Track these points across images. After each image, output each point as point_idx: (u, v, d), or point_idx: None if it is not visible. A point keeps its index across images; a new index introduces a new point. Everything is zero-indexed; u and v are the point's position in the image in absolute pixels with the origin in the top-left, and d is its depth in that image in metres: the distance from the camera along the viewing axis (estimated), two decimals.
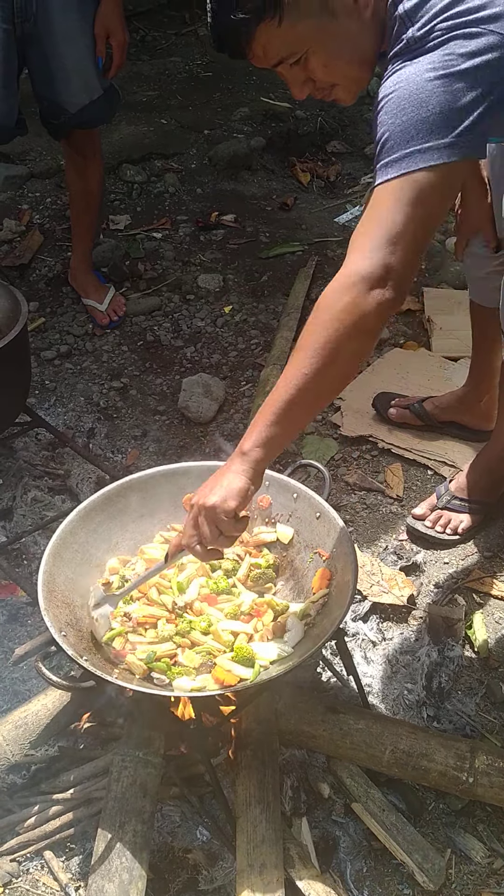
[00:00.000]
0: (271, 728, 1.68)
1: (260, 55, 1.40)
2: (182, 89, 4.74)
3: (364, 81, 1.47)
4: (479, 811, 1.74)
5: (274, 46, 1.38)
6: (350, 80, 1.46)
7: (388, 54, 1.41)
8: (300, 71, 1.43)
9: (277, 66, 1.43)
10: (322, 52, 1.39)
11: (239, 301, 3.26)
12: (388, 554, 2.25)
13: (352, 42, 1.40)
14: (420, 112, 1.27)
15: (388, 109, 1.31)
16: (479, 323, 2.37)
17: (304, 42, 1.38)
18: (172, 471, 1.90)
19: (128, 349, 3.05)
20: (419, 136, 1.28)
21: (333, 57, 1.40)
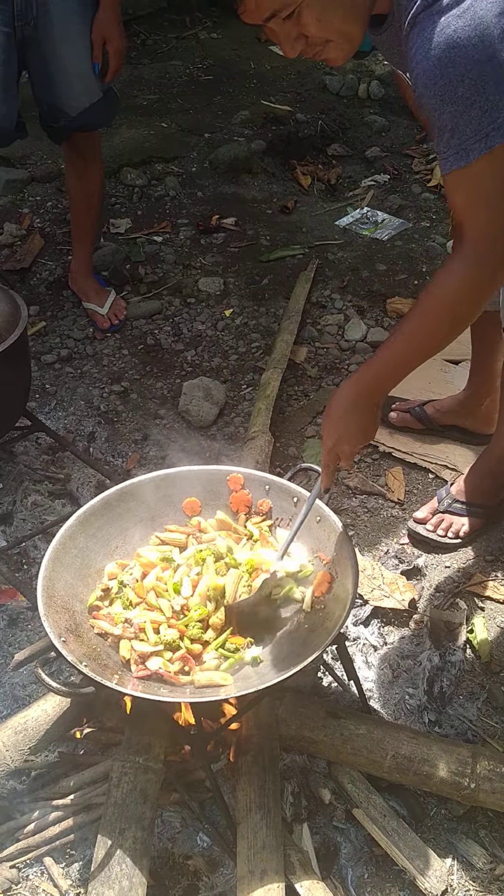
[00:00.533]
0: (272, 733, 1.67)
1: (252, 8, 1.37)
2: (182, 93, 4.74)
3: (357, 39, 1.45)
4: (480, 817, 1.73)
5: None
6: (343, 37, 1.43)
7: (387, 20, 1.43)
8: (293, 26, 1.40)
9: (269, 21, 1.40)
10: (316, 5, 1.37)
11: (239, 304, 3.25)
12: (390, 558, 2.24)
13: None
14: (478, 90, 1.29)
15: (445, 96, 1.31)
16: (477, 326, 2.36)
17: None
18: (173, 475, 1.90)
19: (128, 353, 3.05)
20: (488, 115, 1.30)
21: (328, 11, 1.38)
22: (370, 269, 3.44)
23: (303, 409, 2.75)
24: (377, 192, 4.04)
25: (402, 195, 3.99)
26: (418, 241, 3.63)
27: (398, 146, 4.41)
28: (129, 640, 1.63)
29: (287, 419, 2.70)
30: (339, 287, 3.33)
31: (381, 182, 4.12)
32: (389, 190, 4.06)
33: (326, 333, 3.08)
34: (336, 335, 3.08)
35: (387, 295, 3.25)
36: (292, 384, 2.85)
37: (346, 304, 3.23)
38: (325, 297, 3.28)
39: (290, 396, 2.81)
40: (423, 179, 4.13)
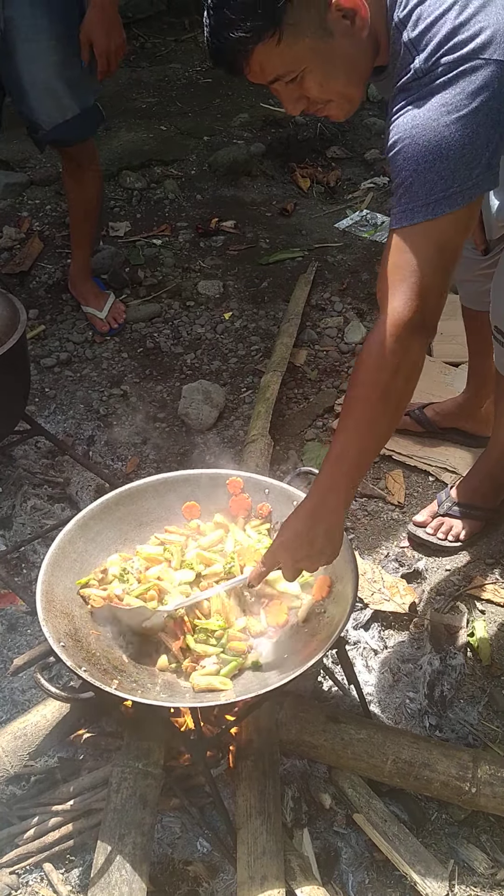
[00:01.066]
0: (272, 738, 1.67)
1: (257, 72, 1.41)
2: (181, 96, 4.74)
3: (357, 99, 1.49)
4: (481, 821, 1.72)
5: (271, 65, 1.39)
6: (344, 99, 1.47)
7: (386, 70, 1.45)
8: (296, 88, 1.44)
9: (273, 83, 1.44)
10: (318, 71, 1.40)
11: (239, 307, 3.25)
12: (390, 561, 2.24)
13: (348, 61, 1.42)
14: (441, 160, 1.32)
15: (408, 155, 1.34)
16: (473, 328, 2.36)
17: (302, 61, 1.39)
18: (173, 479, 1.90)
19: (128, 356, 3.04)
20: (442, 183, 1.33)
21: (329, 76, 1.41)
22: (370, 272, 3.43)
23: (302, 412, 2.75)
24: (376, 194, 4.04)
25: None
26: None
27: None
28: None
29: (287, 422, 2.70)
30: (339, 290, 3.32)
31: (381, 184, 4.13)
32: (389, 192, 4.05)
33: (326, 336, 3.08)
34: (336, 338, 3.08)
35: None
36: (292, 387, 2.85)
37: (345, 307, 3.23)
38: (324, 299, 3.28)
39: (290, 399, 2.80)
40: None
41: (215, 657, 1.60)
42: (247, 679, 1.60)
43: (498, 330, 1.95)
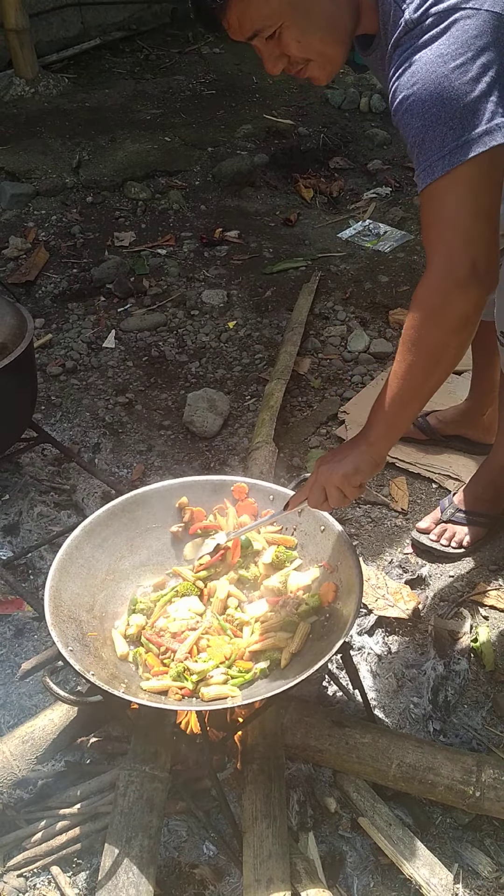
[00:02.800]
0: (277, 742, 1.68)
1: (235, 27, 1.43)
2: (185, 107, 4.78)
3: (338, 61, 1.50)
4: (486, 825, 1.73)
5: (248, 18, 1.41)
6: (324, 58, 1.48)
7: (375, 41, 1.47)
8: (274, 46, 1.45)
9: (252, 39, 1.45)
10: (295, 27, 1.42)
11: (243, 316, 3.28)
12: (394, 567, 2.25)
13: (326, 19, 1.43)
14: (448, 108, 1.32)
15: (414, 112, 1.35)
16: (478, 336, 2.37)
17: (278, 16, 1.40)
18: (178, 485, 1.92)
19: (133, 364, 3.07)
20: (452, 133, 1.32)
21: (307, 33, 1.43)
22: (373, 281, 3.46)
23: (306, 419, 2.77)
24: (379, 204, 4.07)
25: (403, 207, 4.02)
26: (420, 252, 3.65)
27: (399, 159, 4.44)
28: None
29: (291, 430, 2.72)
30: (342, 299, 3.35)
31: (383, 194, 4.15)
32: (391, 202, 4.08)
33: (329, 345, 3.10)
34: (339, 346, 3.10)
35: (389, 306, 3.27)
36: (296, 395, 2.87)
37: (348, 316, 3.25)
38: (327, 308, 3.30)
39: (294, 407, 2.83)
40: None
41: (223, 668, 1.61)
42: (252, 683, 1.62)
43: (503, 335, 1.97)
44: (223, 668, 1.61)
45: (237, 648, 1.65)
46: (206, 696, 1.56)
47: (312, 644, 1.67)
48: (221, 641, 1.66)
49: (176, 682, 1.57)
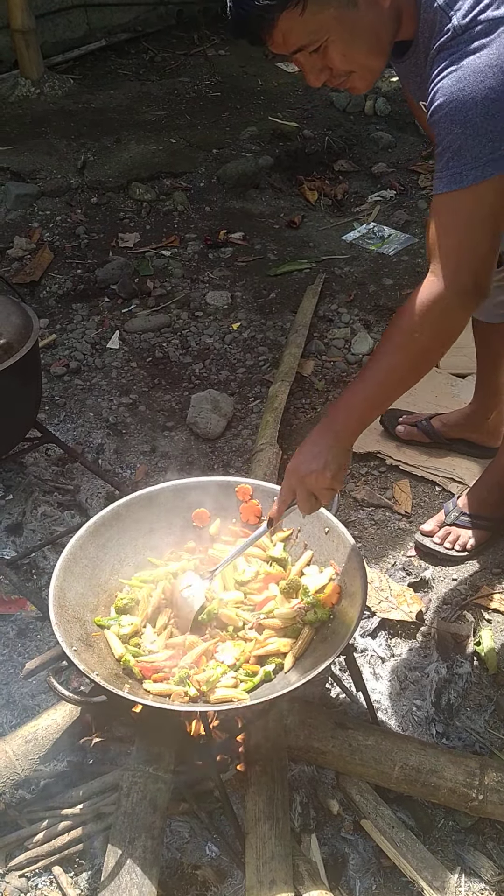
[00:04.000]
0: (280, 744, 1.68)
1: (280, 42, 1.41)
2: (191, 109, 4.78)
3: (378, 70, 1.50)
4: (488, 829, 1.73)
5: (295, 34, 1.39)
6: (366, 69, 1.48)
7: (410, 47, 1.47)
8: (318, 59, 1.44)
9: (296, 54, 1.44)
10: (341, 42, 1.41)
11: (247, 318, 3.28)
12: (397, 570, 2.25)
13: (371, 32, 1.42)
14: (490, 121, 1.33)
15: (455, 118, 1.35)
16: (483, 339, 2.38)
17: (325, 31, 1.39)
18: (182, 486, 1.92)
19: (136, 365, 3.07)
20: (491, 145, 1.34)
21: (352, 46, 1.42)
22: (377, 284, 3.46)
23: (310, 421, 2.77)
24: (383, 207, 4.07)
25: (408, 210, 4.02)
26: (424, 255, 3.65)
27: (404, 162, 4.45)
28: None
29: (294, 432, 2.72)
30: (346, 301, 3.35)
31: (388, 197, 4.16)
32: (395, 205, 4.09)
33: (333, 347, 3.11)
34: (343, 349, 3.10)
35: (393, 309, 3.27)
36: (299, 397, 2.87)
37: (352, 318, 3.26)
38: (332, 311, 3.30)
39: (298, 409, 2.83)
40: (428, 195, 4.16)
41: (232, 672, 1.61)
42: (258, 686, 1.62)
43: None
44: (231, 671, 1.61)
45: (244, 652, 1.64)
46: (213, 699, 1.56)
47: (316, 646, 1.67)
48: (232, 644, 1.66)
49: (179, 688, 1.57)
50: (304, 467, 1.58)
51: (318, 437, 1.59)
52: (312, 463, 1.57)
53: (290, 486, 1.62)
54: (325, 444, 1.57)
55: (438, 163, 1.41)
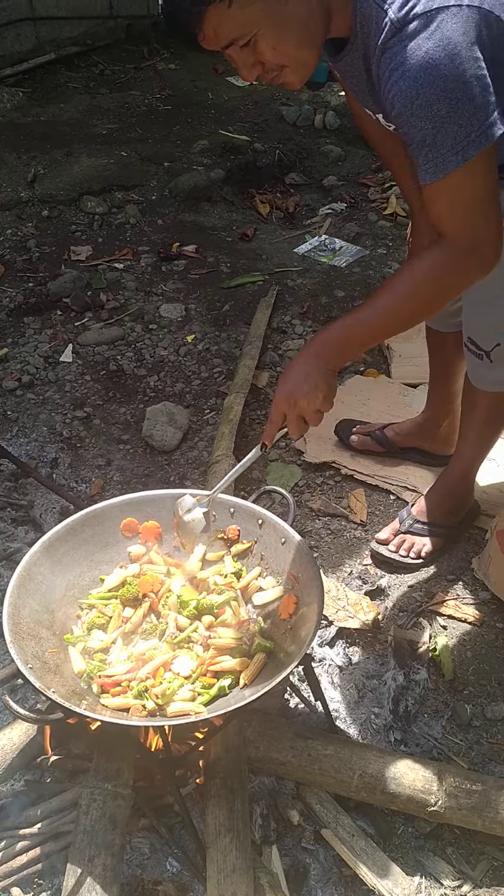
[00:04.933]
0: (240, 756, 1.68)
1: (211, 37, 1.43)
2: (142, 122, 4.79)
3: (311, 64, 1.51)
4: (447, 834, 1.74)
5: (225, 28, 1.41)
6: (299, 63, 1.49)
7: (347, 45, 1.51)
8: (249, 53, 1.46)
9: (227, 49, 1.46)
10: (271, 35, 1.43)
11: (201, 330, 3.29)
12: (353, 578, 2.27)
13: (300, 25, 1.44)
14: (456, 108, 1.38)
15: (423, 113, 1.39)
16: (436, 349, 2.42)
17: (254, 24, 1.41)
18: (137, 499, 1.91)
19: (91, 379, 3.05)
20: (463, 130, 1.40)
21: (282, 39, 1.44)
22: (329, 296, 3.49)
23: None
24: (335, 219, 4.11)
25: (358, 223, 4.07)
26: (375, 267, 3.70)
27: (354, 175, 4.51)
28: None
29: (250, 443, 2.72)
30: (300, 313, 3.38)
31: (339, 210, 4.21)
32: (346, 218, 4.13)
33: (287, 358, 3.13)
34: None
35: None
36: (254, 408, 2.88)
37: (306, 330, 3.28)
38: (285, 322, 3.32)
39: (253, 420, 2.84)
40: (379, 208, 4.22)
41: (189, 685, 1.61)
42: (215, 699, 1.61)
43: (472, 341, 2.00)
44: (188, 683, 1.60)
45: (201, 665, 1.64)
46: (169, 712, 1.55)
47: (274, 657, 1.67)
48: (189, 655, 1.65)
49: (137, 701, 1.56)
50: (295, 390, 1.61)
51: (307, 361, 1.62)
52: (303, 385, 1.60)
53: (280, 409, 1.65)
54: (314, 367, 1.61)
55: (418, 157, 1.46)
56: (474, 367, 2.05)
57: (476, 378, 2.07)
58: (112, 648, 1.70)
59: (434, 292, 1.58)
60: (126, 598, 1.77)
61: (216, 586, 1.80)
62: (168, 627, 1.71)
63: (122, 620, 1.74)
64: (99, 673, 1.61)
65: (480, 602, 2.22)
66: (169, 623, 1.72)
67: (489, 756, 1.89)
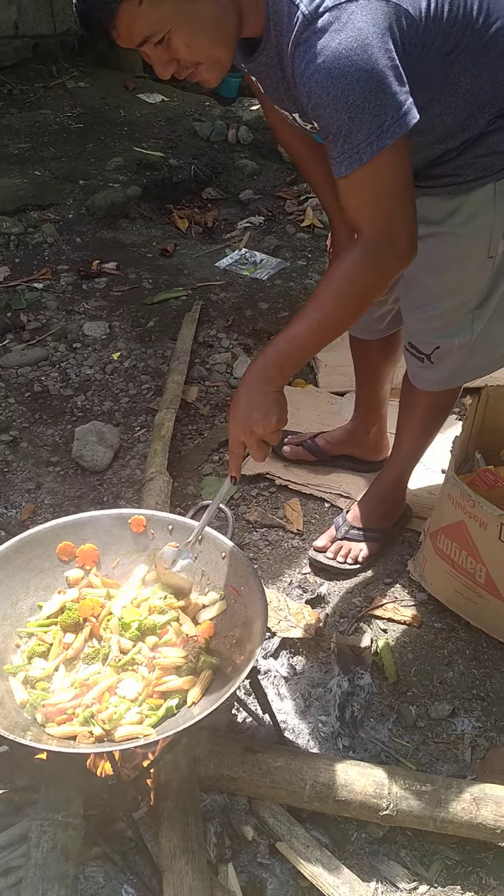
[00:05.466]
0: (191, 775, 1.66)
1: (125, 34, 1.45)
2: (54, 141, 4.74)
3: (226, 62, 1.54)
4: (399, 837, 1.76)
5: (137, 26, 1.43)
6: (213, 60, 1.52)
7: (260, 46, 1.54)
8: (164, 51, 1.48)
9: (142, 46, 1.47)
10: (184, 32, 1.45)
11: (127, 347, 3.26)
12: (293, 588, 2.28)
13: (213, 23, 1.47)
14: (369, 99, 1.41)
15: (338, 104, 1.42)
16: (360, 357, 2.46)
17: (166, 21, 1.43)
18: (73, 522, 1.87)
19: (15, 401, 3.00)
20: (376, 120, 1.42)
21: (195, 37, 1.46)
22: (253, 308, 3.51)
23: (198, 447, 2.77)
24: (253, 233, 4.14)
25: (277, 236, 4.11)
26: (296, 279, 3.74)
27: (270, 188, 4.55)
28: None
29: (183, 458, 2.72)
30: (225, 326, 3.39)
31: (257, 223, 4.24)
32: (265, 231, 4.17)
33: (215, 372, 3.13)
34: (225, 373, 3.13)
35: (271, 332, 3.33)
36: (186, 423, 2.87)
37: (232, 343, 3.29)
38: (211, 336, 3.33)
39: (185, 436, 2.83)
40: (296, 220, 4.27)
41: (136, 708, 1.58)
42: (163, 720, 1.59)
43: (412, 345, 2.04)
44: (135, 706, 1.58)
45: (147, 686, 1.62)
46: (117, 737, 1.52)
47: (220, 672, 1.66)
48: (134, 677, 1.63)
49: (84, 728, 1.53)
50: (248, 419, 1.63)
51: (251, 388, 1.64)
52: (255, 413, 1.63)
53: (239, 440, 1.67)
54: (259, 393, 1.63)
55: (333, 149, 1.49)
56: (415, 369, 2.10)
57: (417, 379, 2.11)
58: (55, 676, 1.66)
59: (357, 293, 1.61)
60: (66, 624, 1.73)
61: (155, 607, 1.78)
62: (111, 651, 1.68)
63: (64, 647, 1.71)
64: (42, 702, 1.58)
65: (418, 603, 2.25)
66: (112, 646, 1.69)
67: (435, 756, 1.92)
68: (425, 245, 1.89)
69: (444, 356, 2.01)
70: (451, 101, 1.63)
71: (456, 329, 1.97)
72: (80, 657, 1.70)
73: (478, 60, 1.61)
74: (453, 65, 1.59)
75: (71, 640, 1.72)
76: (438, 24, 1.52)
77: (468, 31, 1.57)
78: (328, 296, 1.61)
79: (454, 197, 1.81)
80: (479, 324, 1.97)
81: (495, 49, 1.62)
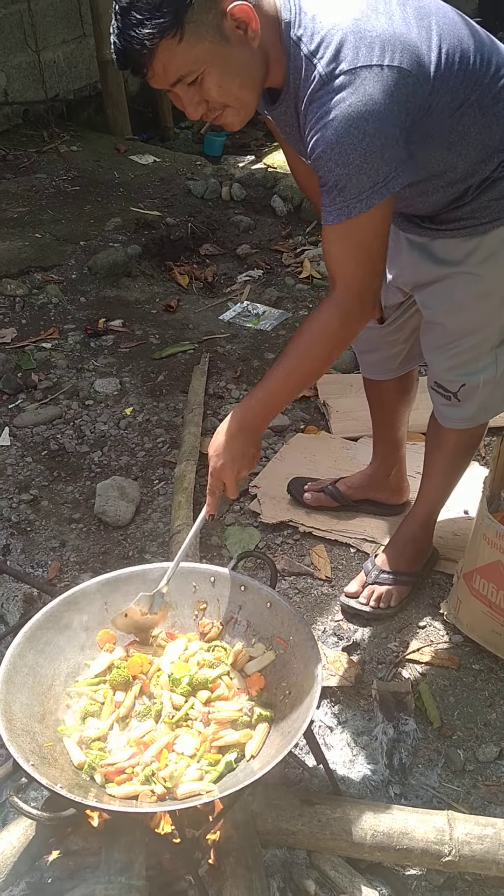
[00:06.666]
0: (250, 830, 1.64)
1: (160, 74, 1.49)
2: (52, 204, 4.82)
3: (252, 106, 1.61)
4: (460, 883, 1.74)
5: (174, 65, 1.47)
6: (240, 103, 1.58)
7: (281, 95, 1.63)
8: (196, 91, 1.53)
9: (175, 86, 1.52)
10: (217, 74, 1.50)
11: (139, 402, 3.29)
12: (328, 636, 2.27)
13: (243, 68, 1.53)
14: (367, 160, 1.51)
15: (339, 160, 1.52)
16: (376, 398, 2.48)
17: (202, 62, 1.48)
18: (114, 578, 1.87)
19: (32, 460, 3.00)
20: (370, 180, 1.53)
21: (226, 78, 1.52)
22: (260, 359, 3.56)
23: (219, 498, 2.77)
24: (254, 286, 4.21)
25: (277, 287, 4.18)
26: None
27: (266, 242, 4.64)
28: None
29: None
30: (234, 377, 3.42)
31: (256, 277, 4.31)
32: (265, 283, 4.24)
33: None
34: None
35: None
36: (204, 475, 2.88)
37: (242, 393, 3.32)
38: (221, 387, 3.36)
39: (205, 487, 2.82)
40: (294, 272, 4.35)
41: (195, 764, 1.57)
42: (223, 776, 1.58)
43: (438, 385, 2.08)
44: (194, 762, 1.57)
45: (205, 742, 1.60)
46: (180, 794, 1.50)
47: (278, 725, 1.65)
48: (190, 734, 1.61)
49: (146, 787, 1.51)
50: (230, 463, 1.79)
51: (233, 436, 1.78)
52: (238, 457, 1.79)
53: (219, 479, 1.82)
54: (240, 440, 1.78)
55: (326, 198, 1.59)
56: (442, 407, 2.13)
57: (444, 418, 2.14)
58: (109, 735, 1.64)
59: (331, 346, 1.73)
60: (116, 682, 1.72)
61: (205, 661, 1.77)
62: (164, 707, 1.67)
63: (115, 705, 1.69)
64: (101, 762, 1.56)
65: (454, 645, 2.25)
66: (164, 702, 1.68)
67: (487, 799, 1.91)
68: (444, 286, 1.95)
69: (471, 393, 2.05)
70: (461, 150, 1.70)
71: (480, 366, 2.01)
72: (132, 715, 1.69)
73: (486, 112, 1.68)
74: (462, 117, 1.66)
75: (121, 698, 1.71)
76: (446, 84, 1.60)
77: (476, 87, 1.65)
78: (300, 352, 1.73)
79: (471, 238, 1.87)
80: (503, 359, 2.02)
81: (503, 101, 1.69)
